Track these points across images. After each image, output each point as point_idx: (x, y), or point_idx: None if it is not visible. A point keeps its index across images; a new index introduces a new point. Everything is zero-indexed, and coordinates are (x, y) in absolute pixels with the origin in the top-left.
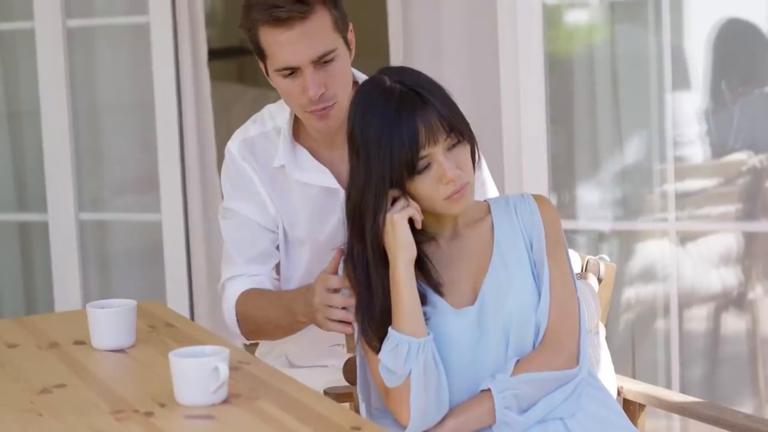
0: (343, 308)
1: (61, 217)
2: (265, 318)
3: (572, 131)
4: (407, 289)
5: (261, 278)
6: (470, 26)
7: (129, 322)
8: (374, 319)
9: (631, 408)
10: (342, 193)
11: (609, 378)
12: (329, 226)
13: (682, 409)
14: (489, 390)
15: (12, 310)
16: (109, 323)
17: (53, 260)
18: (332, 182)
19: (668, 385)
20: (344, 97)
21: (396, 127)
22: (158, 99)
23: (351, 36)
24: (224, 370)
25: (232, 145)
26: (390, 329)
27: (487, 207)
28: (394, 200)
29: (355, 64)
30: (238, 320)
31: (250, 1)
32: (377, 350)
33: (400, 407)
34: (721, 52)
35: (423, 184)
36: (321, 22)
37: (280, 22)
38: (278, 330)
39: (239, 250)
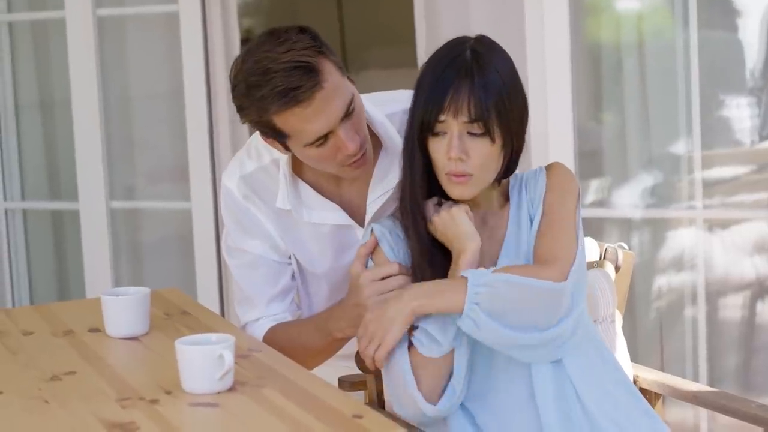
0: None
1: (92, 205)
2: (299, 346)
3: (620, 119)
4: None
5: (283, 315)
6: (497, 15)
7: (142, 310)
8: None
9: (647, 397)
10: (356, 228)
11: (624, 367)
12: (347, 261)
13: (695, 398)
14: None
15: (45, 297)
16: (122, 311)
17: (84, 248)
18: (344, 219)
19: (695, 375)
20: (366, 127)
21: (435, 82)
22: (187, 88)
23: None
24: (229, 357)
25: (230, 183)
26: None
27: (507, 195)
28: (440, 203)
29: (382, 54)
30: None
31: (250, 89)
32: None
33: (429, 382)
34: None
35: (435, 148)
36: (333, 78)
37: (300, 101)
38: (313, 357)
39: (258, 291)
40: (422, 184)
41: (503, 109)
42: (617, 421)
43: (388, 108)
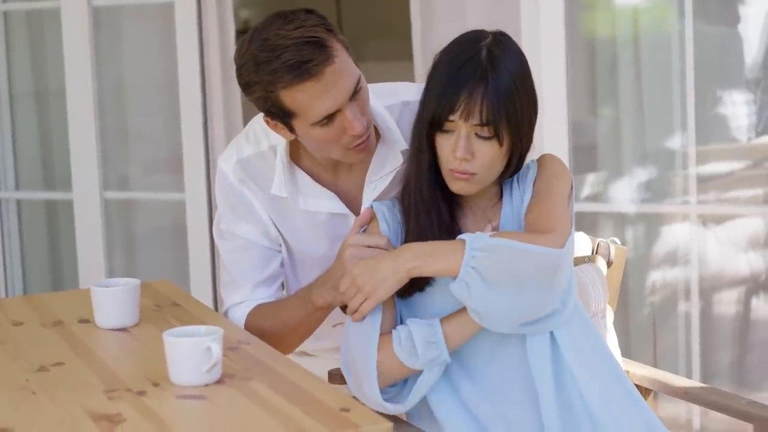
0: None
1: (86, 195)
2: (280, 323)
3: (615, 113)
4: None
5: (268, 301)
6: (493, 8)
7: (132, 301)
8: None
9: None
10: (351, 217)
11: None
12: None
13: (685, 394)
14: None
15: (38, 288)
16: (112, 302)
17: (78, 239)
18: (340, 208)
19: (688, 371)
20: (370, 111)
21: (449, 81)
22: (182, 79)
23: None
24: (217, 350)
25: (226, 167)
26: (440, 324)
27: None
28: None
29: (379, 47)
30: None
31: (259, 65)
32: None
33: (384, 379)
34: None
35: (441, 145)
36: (342, 55)
37: (311, 75)
38: (294, 331)
39: (246, 275)
40: (428, 177)
41: (513, 113)
42: (613, 412)
43: (386, 100)
